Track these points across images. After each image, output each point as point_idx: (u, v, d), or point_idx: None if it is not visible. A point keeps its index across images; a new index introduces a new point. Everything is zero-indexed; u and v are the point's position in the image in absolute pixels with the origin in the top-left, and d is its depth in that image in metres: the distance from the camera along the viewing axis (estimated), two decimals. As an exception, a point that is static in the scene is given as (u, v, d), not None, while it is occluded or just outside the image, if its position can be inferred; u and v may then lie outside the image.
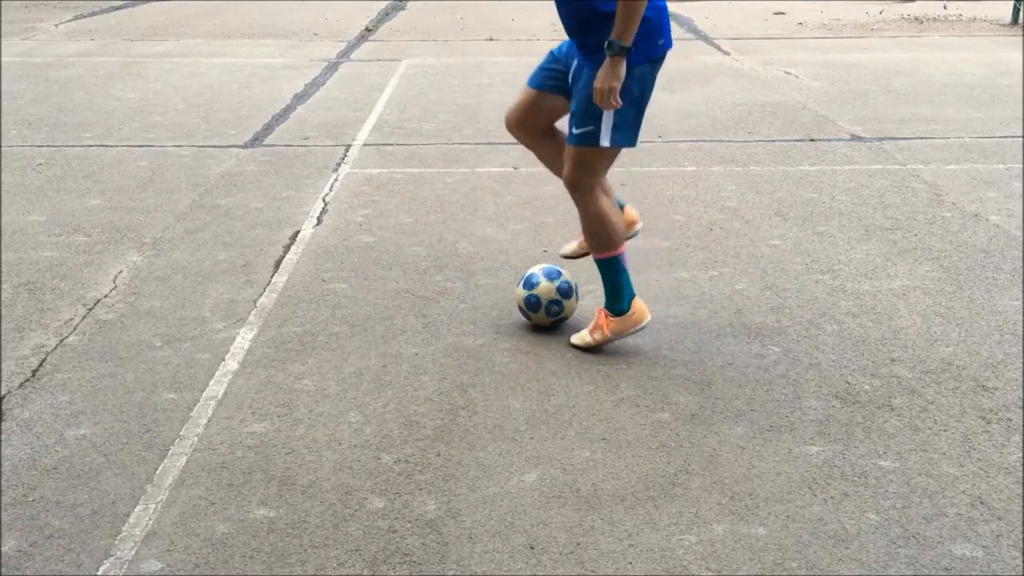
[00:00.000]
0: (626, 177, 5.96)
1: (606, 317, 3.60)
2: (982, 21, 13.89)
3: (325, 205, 5.42)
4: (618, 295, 3.61)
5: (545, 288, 3.76)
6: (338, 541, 2.57)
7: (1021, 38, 11.97)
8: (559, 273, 3.80)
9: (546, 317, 3.78)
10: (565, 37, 3.58)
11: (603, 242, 3.56)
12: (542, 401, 3.28)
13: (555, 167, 3.72)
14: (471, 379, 3.44)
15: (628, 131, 3.42)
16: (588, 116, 3.37)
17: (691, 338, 3.76)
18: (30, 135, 7.05)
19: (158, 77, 9.40)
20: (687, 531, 2.60)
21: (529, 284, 3.78)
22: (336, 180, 5.90)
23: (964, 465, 2.91)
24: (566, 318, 3.81)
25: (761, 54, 10.83)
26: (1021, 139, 6.85)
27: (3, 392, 3.35)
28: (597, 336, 3.62)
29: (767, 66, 9.99)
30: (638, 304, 3.63)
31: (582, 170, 3.47)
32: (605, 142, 3.39)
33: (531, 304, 3.77)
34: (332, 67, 10.03)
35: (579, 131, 3.41)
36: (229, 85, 8.99)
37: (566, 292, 3.77)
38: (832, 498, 2.75)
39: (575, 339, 3.67)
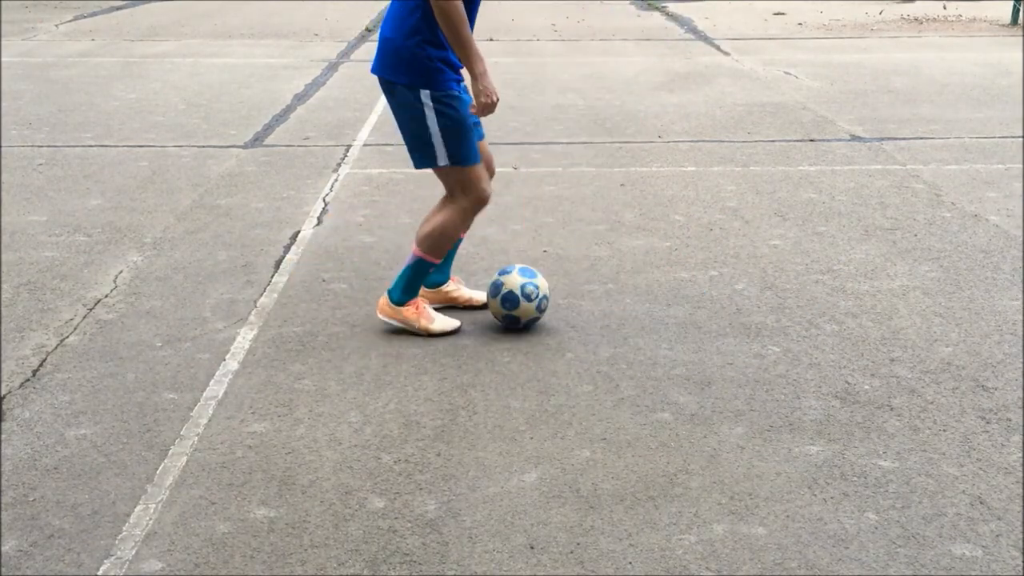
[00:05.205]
0: (626, 177, 5.97)
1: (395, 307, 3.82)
2: (982, 21, 13.90)
3: (325, 205, 5.42)
4: (408, 291, 3.79)
5: (512, 280, 3.77)
6: (338, 541, 2.57)
7: (1021, 38, 11.97)
8: (534, 274, 3.82)
9: (500, 308, 3.79)
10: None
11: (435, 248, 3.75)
12: (542, 401, 3.29)
13: None
14: (471, 379, 3.45)
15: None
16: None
17: (691, 338, 3.76)
18: (30, 135, 7.05)
19: (158, 77, 9.40)
20: (687, 531, 2.60)
21: (502, 271, 3.84)
22: (336, 180, 5.90)
23: (964, 465, 2.91)
24: (518, 319, 3.79)
25: (761, 54, 10.83)
26: (1021, 139, 6.85)
27: (3, 392, 3.35)
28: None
29: (767, 66, 9.99)
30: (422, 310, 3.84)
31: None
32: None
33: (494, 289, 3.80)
34: (332, 67, 10.03)
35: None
36: (229, 85, 8.99)
37: (528, 295, 3.76)
38: (832, 498, 2.75)
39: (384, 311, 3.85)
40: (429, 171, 3.71)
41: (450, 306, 4.01)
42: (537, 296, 3.76)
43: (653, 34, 12.69)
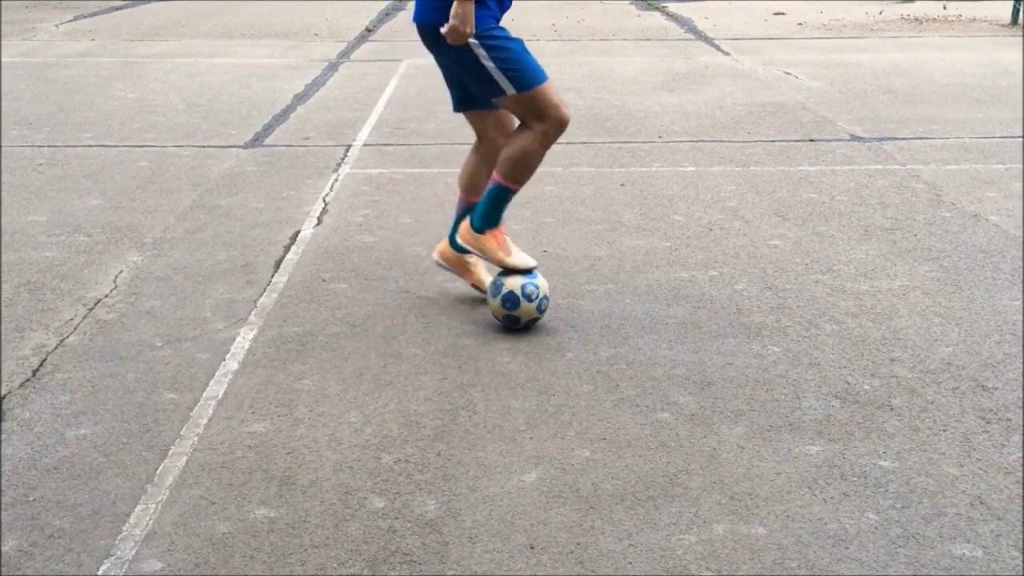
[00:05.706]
0: (626, 177, 5.97)
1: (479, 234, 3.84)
2: (982, 21, 13.90)
3: (325, 205, 5.42)
4: (487, 219, 3.81)
5: (512, 280, 3.76)
6: (338, 541, 2.57)
7: (1021, 38, 11.97)
8: (534, 274, 3.81)
9: (500, 308, 3.78)
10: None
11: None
12: (542, 401, 3.29)
13: None
14: (471, 379, 3.45)
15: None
16: None
17: (691, 338, 3.76)
18: (30, 135, 7.05)
19: (158, 77, 9.40)
20: (687, 531, 2.60)
21: (503, 271, 3.84)
22: (336, 180, 5.90)
23: (964, 465, 2.91)
24: (518, 319, 3.78)
25: (761, 54, 10.83)
26: (1021, 139, 6.86)
27: (3, 392, 3.35)
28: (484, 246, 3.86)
29: (767, 66, 9.99)
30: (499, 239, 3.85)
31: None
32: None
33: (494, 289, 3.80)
34: (332, 67, 10.03)
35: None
36: (229, 85, 9.00)
37: (528, 295, 3.75)
38: (832, 498, 2.75)
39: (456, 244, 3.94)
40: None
41: (457, 283, 4.01)
42: (537, 296, 3.76)
43: (653, 34, 12.69)
